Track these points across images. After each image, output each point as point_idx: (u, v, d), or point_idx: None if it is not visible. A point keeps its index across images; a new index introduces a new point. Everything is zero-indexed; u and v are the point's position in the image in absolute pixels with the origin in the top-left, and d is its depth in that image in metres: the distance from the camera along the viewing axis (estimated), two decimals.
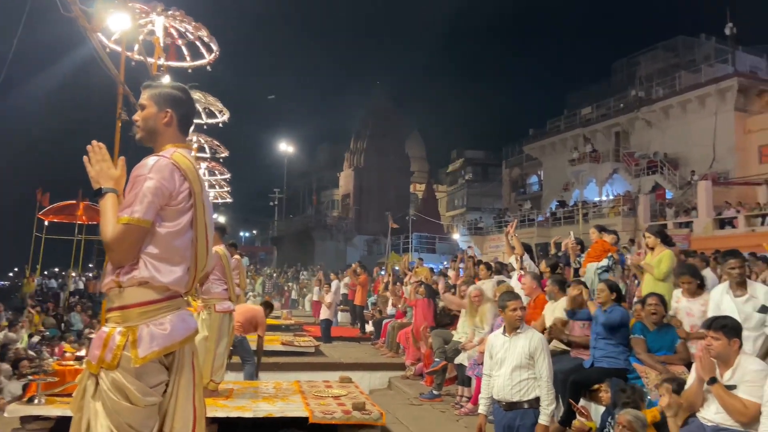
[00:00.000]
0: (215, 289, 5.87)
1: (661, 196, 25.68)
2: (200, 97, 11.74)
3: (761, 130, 23.98)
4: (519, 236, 27.42)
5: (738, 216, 19.61)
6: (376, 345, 11.42)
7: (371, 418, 5.41)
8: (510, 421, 3.88)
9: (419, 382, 8.38)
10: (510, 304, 3.99)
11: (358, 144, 42.28)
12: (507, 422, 3.90)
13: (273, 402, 5.66)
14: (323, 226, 38.45)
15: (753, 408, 3.44)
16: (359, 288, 14.36)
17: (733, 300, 4.53)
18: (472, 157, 49.84)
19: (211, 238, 2.40)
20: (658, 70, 29.92)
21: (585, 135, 31.06)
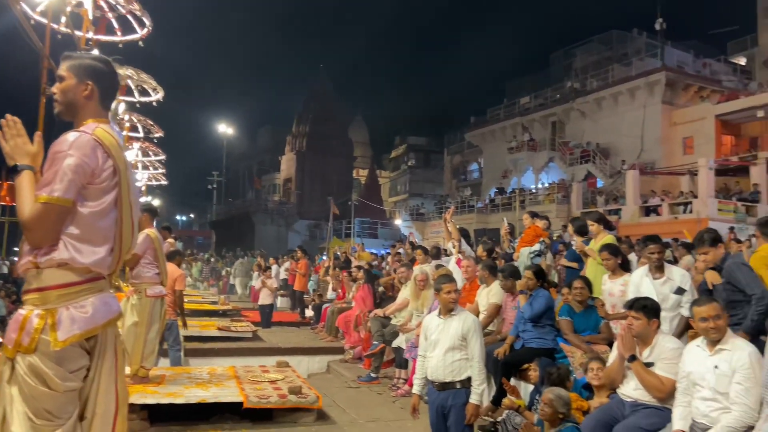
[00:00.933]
0: (146, 273, 5.70)
1: (592, 184, 26.73)
2: (132, 74, 11.25)
3: (686, 123, 25.27)
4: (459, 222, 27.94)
5: (662, 204, 20.66)
6: (315, 330, 11.40)
7: (307, 402, 5.42)
8: (442, 401, 3.96)
9: (358, 366, 8.44)
10: (445, 287, 4.06)
11: (301, 128, 41.80)
12: (440, 402, 3.98)
13: (207, 388, 5.57)
14: (264, 211, 37.87)
15: (669, 384, 3.65)
16: (299, 273, 14.27)
17: (652, 282, 4.78)
18: (415, 144, 50.21)
19: (136, 219, 2.31)
20: (592, 63, 30.97)
21: (523, 124, 31.85)
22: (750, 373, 3.17)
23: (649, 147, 25.56)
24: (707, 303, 3.41)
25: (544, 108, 31.15)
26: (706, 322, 3.33)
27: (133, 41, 9.34)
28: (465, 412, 3.88)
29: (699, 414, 3.34)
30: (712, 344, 3.36)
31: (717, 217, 18.20)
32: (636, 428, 3.60)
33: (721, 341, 3.34)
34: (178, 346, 7.16)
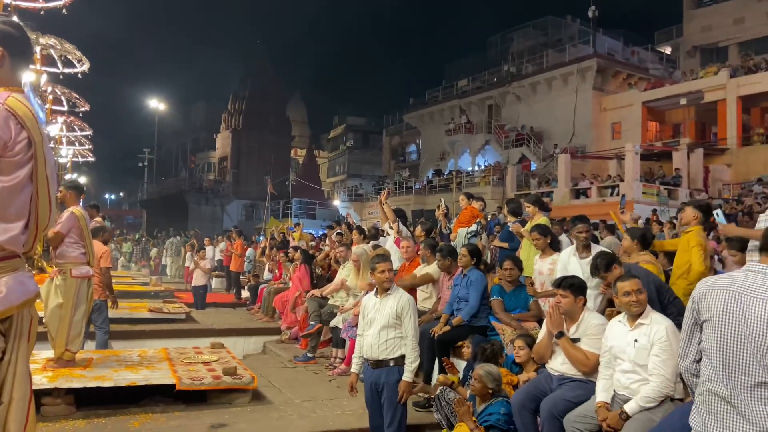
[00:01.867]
0: (72, 252, 5.43)
1: (526, 167, 27.51)
2: (55, 43, 10.59)
3: (615, 109, 26.34)
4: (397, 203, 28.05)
5: (591, 187, 21.51)
6: (251, 310, 11.27)
7: (242, 382, 5.36)
8: (376, 378, 4.01)
9: (294, 346, 8.41)
10: (379, 266, 4.07)
11: (237, 105, 40.72)
12: (374, 379, 4.03)
13: (137, 370, 5.40)
14: (198, 190, 36.81)
15: (593, 358, 3.82)
16: (235, 254, 14.02)
17: (579, 261, 4.98)
18: (354, 124, 50.02)
19: (54, 194, 2.18)
20: (528, 48, 31.68)
21: (461, 106, 32.28)
22: (667, 346, 3.35)
23: (580, 131, 26.50)
24: (629, 279, 3.57)
25: (482, 91, 31.66)
26: (629, 296, 3.48)
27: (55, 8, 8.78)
28: (398, 389, 3.93)
29: (620, 386, 3.50)
30: (633, 319, 3.53)
31: (642, 200, 19.13)
32: (562, 400, 3.76)
33: (641, 316, 3.51)
34: (106, 327, 6.89)
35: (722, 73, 22.82)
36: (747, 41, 26.49)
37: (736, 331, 2.21)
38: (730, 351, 2.23)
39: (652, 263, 5.04)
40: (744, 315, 2.21)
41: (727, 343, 2.23)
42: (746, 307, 2.21)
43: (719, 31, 27.36)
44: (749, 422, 2.16)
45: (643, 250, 5.13)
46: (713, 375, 2.28)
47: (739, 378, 2.19)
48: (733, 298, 2.25)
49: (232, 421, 4.86)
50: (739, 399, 2.18)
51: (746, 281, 2.27)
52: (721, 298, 2.28)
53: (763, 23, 25.80)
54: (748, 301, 2.21)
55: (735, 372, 2.21)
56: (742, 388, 2.18)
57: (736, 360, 2.21)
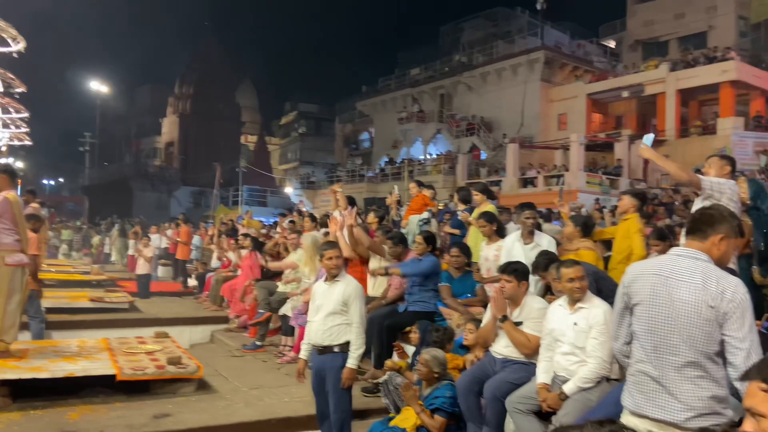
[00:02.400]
0: (5, 239, 5.19)
1: (477, 156, 27.91)
2: None
3: (561, 100, 27.01)
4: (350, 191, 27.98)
5: (538, 176, 22.03)
6: (199, 299, 11.06)
7: (187, 372, 5.27)
8: (321, 364, 4.02)
9: (243, 334, 8.32)
10: (327, 253, 4.08)
11: (185, 89, 39.61)
12: (319, 365, 4.04)
13: (75, 361, 5.24)
14: (143, 176, 35.72)
15: (535, 341, 3.93)
16: (181, 241, 13.71)
17: (523, 247, 5.11)
18: (306, 111, 49.50)
19: None
20: (479, 38, 32.03)
21: (413, 95, 32.39)
22: (604, 329, 3.48)
23: (528, 122, 27.05)
24: (573, 266, 3.68)
25: (434, 80, 31.84)
26: (572, 282, 3.59)
27: None
28: (341, 375, 3.94)
29: (560, 367, 3.62)
30: (573, 303, 3.64)
31: (585, 189, 19.73)
32: (505, 382, 3.86)
33: (580, 301, 3.63)
34: (40, 317, 6.63)
35: (662, 67, 23.68)
36: (686, 36, 27.53)
37: (665, 314, 2.32)
38: (659, 333, 2.33)
39: (592, 249, 5.23)
40: (671, 298, 2.32)
41: (657, 325, 2.34)
42: (673, 291, 2.32)
43: (660, 25, 28.33)
44: (678, 400, 2.28)
45: (584, 237, 5.31)
46: (644, 356, 2.38)
47: (667, 358, 2.30)
48: (660, 282, 2.35)
49: (176, 410, 4.78)
50: (668, 378, 2.30)
51: (673, 265, 2.37)
52: (650, 282, 2.38)
53: (702, 19, 26.86)
54: (674, 284, 2.32)
55: (664, 353, 2.31)
56: (671, 369, 2.29)
57: (665, 341, 2.32)
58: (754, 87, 22.89)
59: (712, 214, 2.43)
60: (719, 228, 2.38)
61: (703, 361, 2.25)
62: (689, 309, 2.27)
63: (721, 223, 2.39)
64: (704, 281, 2.27)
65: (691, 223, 2.47)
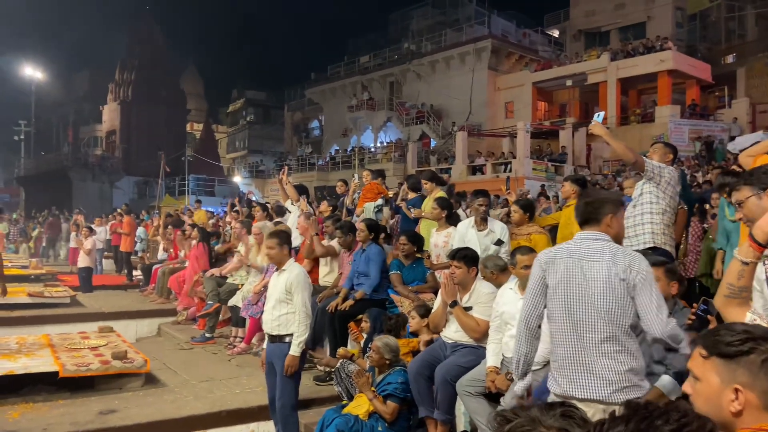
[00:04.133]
0: None
1: (427, 144, 28.14)
2: None
3: (508, 89, 27.47)
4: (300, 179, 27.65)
5: (486, 164, 22.39)
6: (144, 292, 10.77)
7: (134, 366, 5.15)
8: (270, 353, 4.06)
9: (192, 327, 8.17)
10: (266, 242, 4.15)
11: (125, 75, 38.11)
12: (269, 354, 4.08)
13: (15, 359, 5.03)
14: (83, 166, 34.23)
15: (484, 325, 4.02)
16: (123, 233, 13.30)
17: (476, 234, 5.20)
18: (254, 98, 48.58)
19: None
20: (427, 26, 32.15)
21: (363, 83, 32.28)
22: None
23: (476, 110, 27.41)
24: (528, 253, 3.77)
25: (383, 68, 31.80)
26: (527, 269, 3.61)
27: None
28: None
29: (508, 350, 3.70)
30: (524, 288, 3.73)
31: (531, 175, 20.19)
32: (455, 366, 3.94)
33: None
34: None
35: (604, 57, 24.38)
36: (626, 26, 28.40)
37: (580, 293, 2.46)
38: (576, 312, 2.46)
39: (543, 233, 5.37)
40: (585, 277, 2.46)
41: (574, 304, 2.47)
42: (586, 270, 2.47)
43: (601, 16, 29.11)
44: (598, 377, 2.39)
45: (531, 222, 5.45)
46: (561, 338, 2.50)
47: (585, 336, 2.42)
48: (573, 264, 2.50)
49: (123, 406, 4.67)
50: (587, 356, 2.41)
51: (581, 247, 2.53)
52: (562, 265, 2.51)
53: (641, 9, 27.74)
54: (586, 264, 2.47)
55: (582, 331, 2.44)
56: (589, 346, 2.41)
57: (582, 319, 2.44)
58: (689, 76, 23.86)
59: (595, 201, 2.63)
60: (606, 209, 2.57)
61: (620, 335, 2.39)
62: (603, 285, 2.42)
63: (605, 205, 2.58)
64: (612, 257, 2.44)
65: (582, 216, 2.62)
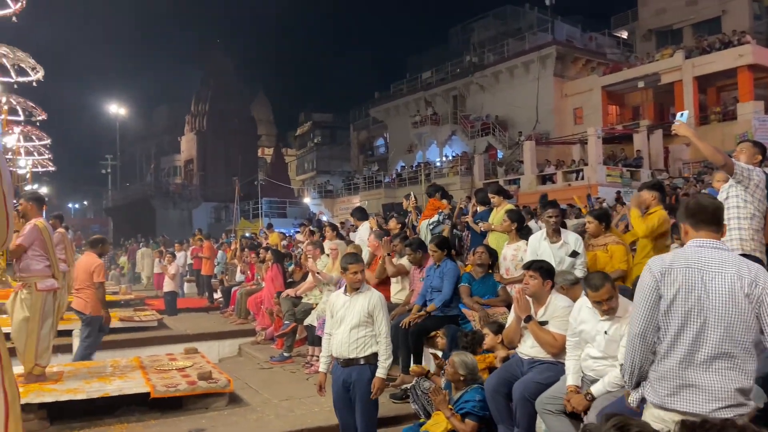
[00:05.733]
0: (35, 266, 5.33)
1: (493, 155, 27.83)
2: (8, 52, 10.29)
3: (575, 94, 26.79)
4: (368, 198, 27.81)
5: (557, 172, 21.86)
6: (225, 313, 11.19)
7: (218, 386, 5.35)
8: (346, 376, 3.98)
9: (270, 347, 8.40)
10: (351, 267, 4.02)
11: (200, 106, 40.04)
12: (344, 377, 3.99)
13: (109, 381, 5.35)
14: (165, 194, 36.14)
15: (561, 340, 3.91)
16: (204, 257, 13.89)
17: (549, 246, 5.09)
18: (320, 120, 49.74)
19: (10, 207, 2.15)
20: (489, 37, 31.95)
21: (426, 98, 32.41)
22: None
23: (543, 118, 26.88)
24: (602, 287, 3.41)
25: (445, 82, 31.82)
26: (600, 305, 3.43)
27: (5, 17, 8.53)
28: (371, 387, 3.92)
29: (588, 368, 3.58)
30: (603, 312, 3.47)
31: (605, 182, 19.53)
32: (533, 383, 3.85)
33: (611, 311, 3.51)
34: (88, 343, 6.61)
35: (677, 55, 23.36)
36: (700, 22, 27.14)
37: (700, 306, 2.30)
38: (693, 325, 2.30)
39: (620, 243, 5.19)
40: (706, 289, 2.30)
41: (692, 318, 2.31)
42: (707, 282, 2.30)
43: (673, 13, 27.97)
44: (702, 391, 2.27)
45: (607, 231, 5.28)
46: (669, 350, 2.35)
47: (699, 351, 2.29)
48: (693, 275, 2.32)
49: (210, 425, 4.85)
50: (696, 371, 2.29)
51: (700, 256, 2.35)
52: (682, 275, 2.33)
53: (715, 4, 26.47)
54: (708, 276, 2.31)
55: (696, 346, 2.29)
56: (702, 360, 2.28)
57: (699, 334, 2.29)
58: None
59: (720, 206, 2.47)
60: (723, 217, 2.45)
61: (738, 352, 2.26)
62: (726, 299, 2.27)
63: (722, 210, 2.46)
64: (737, 270, 2.29)
65: (705, 214, 2.43)
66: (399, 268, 6.51)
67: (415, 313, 5.53)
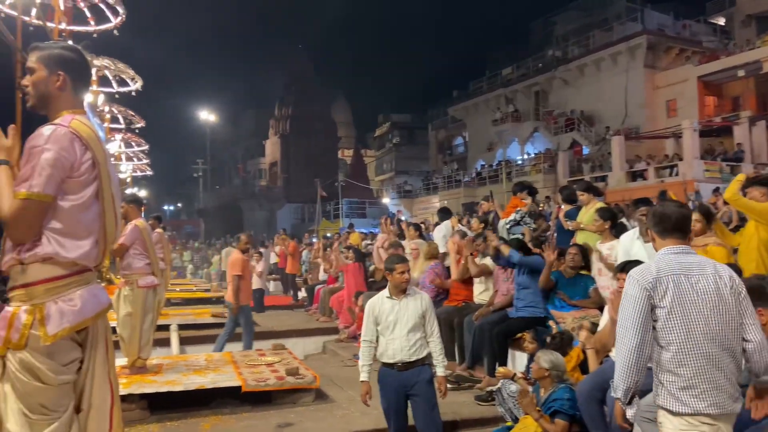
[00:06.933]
0: (137, 264, 5.67)
1: (578, 152, 26.84)
2: (109, 64, 11.05)
3: (668, 86, 25.33)
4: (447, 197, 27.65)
5: (648, 168, 20.78)
6: (309, 311, 11.45)
7: (305, 382, 5.46)
8: (406, 380, 3.86)
9: (353, 344, 8.48)
10: (398, 267, 3.94)
11: (283, 110, 41.36)
12: (402, 382, 3.87)
13: (204, 374, 5.59)
14: (251, 196, 37.65)
15: None
16: (290, 256, 14.29)
17: (643, 245, 4.81)
18: (399, 121, 49.95)
19: (118, 209, 2.29)
20: (573, 30, 30.85)
21: (506, 95, 31.78)
22: None
23: (632, 112, 25.63)
24: None
25: (527, 78, 31.07)
26: None
27: (107, 30, 9.15)
28: (434, 387, 3.89)
29: None
30: None
31: (703, 178, 18.36)
32: None
33: None
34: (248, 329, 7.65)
35: None
36: None
37: (696, 310, 2.34)
38: (696, 331, 2.32)
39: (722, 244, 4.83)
40: (697, 293, 2.36)
41: (693, 324, 2.33)
42: (695, 286, 2.36)
43: None
44: (722, 390, 2.31)
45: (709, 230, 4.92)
46: (684, 357, 2.33)
47: (711, 350, 2.32)
48: (682, 281, 2.38)
49: (298, 420, 4.97)
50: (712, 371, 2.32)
51: (681, 263, 2.42)
52: (672, 284, 2.37)
53: None
54: (693, 279, 2.38)
55: (706, 346, 2.32)
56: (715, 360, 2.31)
57: (705, 335, 2.32)
58: None
59: (686, 215, 2.56)
60: (689, 225, 2.58)
61: (735, 347, 2.36)
62: (716, 299, 2.36)
63: (688, 221, 2.57)
64: (714, 271, 2.40)
65: (669, 223, 2.51)
66: (482, 268, 6.41)
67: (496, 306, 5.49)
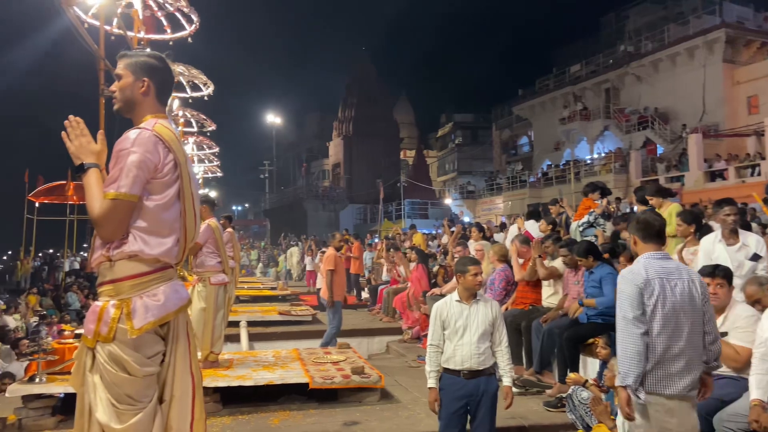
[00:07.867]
0: (209, 262, 5.88)
1: (652, 151, 25.75)
2: (183, 70, 11.50)
3: (749, 81, 23.91)
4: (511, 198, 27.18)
5: (728, 168, 19.71)
6: (372, 311, 11.53)
7: (370, 381, 5.50)
8: (472, 389, 3.68)
9: (417, 345, 8.49)
10: (471, 269, 3.79)
11: (346, 112, 41.84)
12: (468, 391, 3.68)
13: (273, 370, 5.73)
14: (315, 197, 38.27)
15: (745, 353, 3.51)
16: (353, 257, 14.43)
17: (726, 248, 4.56)
18: (461, 121, 49.56)
19: (198, 209, 2.38)
20: (646, 24, 29.63)
21: (575, 93, 30.87)
22: None
23: (711, 109, 24.34)
24: None
25: (596, 75, 30.06)
26: None
27: (182, 38, 9.53)
28: (499, 397, 3.72)
29: None
30: None
31: None
32: (712, 399, 3.45)
33: None
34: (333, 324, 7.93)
35: None
36: None
37: (674, 309, 2.77)
38: (670, 325, 2.77)
39: None
40: (674, 294, 2.79)
41: (680, 321, 2.78)
42: (674, 288, 2.79)
43: None
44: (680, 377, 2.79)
45: None
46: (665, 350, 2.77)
47: (676, 344, 2.78)
48: (665, 284, 2.79)
49: (364, 418, 5.01)
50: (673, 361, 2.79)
51: (662, 267, 2.84)
52: (658, 285, 2.78)
53: None
54: (673, 282, 2.80)
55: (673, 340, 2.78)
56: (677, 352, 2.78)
57: (675, 331, 2.78)
58: None
59: (664, 223, 3.01)
60: (665, 233, 3.00)
61: (698, 342, 2.83)
62: (689, 300, 2.79)
63: (665, 229, 3.00)
64: (689, 276, 2.87)
65: (652, 230, 2.92)
66: (551, 271, 6.26)
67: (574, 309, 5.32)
